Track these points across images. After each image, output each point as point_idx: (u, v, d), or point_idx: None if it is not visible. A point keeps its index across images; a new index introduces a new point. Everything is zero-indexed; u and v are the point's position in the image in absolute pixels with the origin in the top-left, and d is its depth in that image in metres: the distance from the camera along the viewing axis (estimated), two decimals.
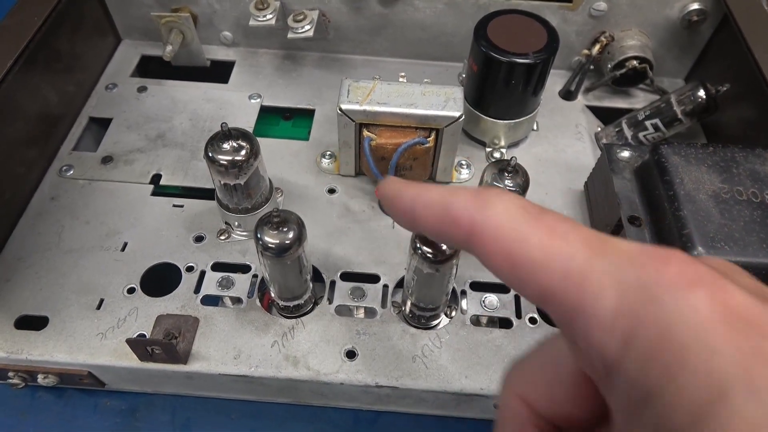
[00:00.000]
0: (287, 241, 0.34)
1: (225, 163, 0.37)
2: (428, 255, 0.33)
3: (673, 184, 0.35)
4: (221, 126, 0.36)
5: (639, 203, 0.39)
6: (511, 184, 0.37)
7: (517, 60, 0.42)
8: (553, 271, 0.14)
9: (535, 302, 0.15)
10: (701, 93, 0.45)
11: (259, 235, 0.34)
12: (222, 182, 0.39)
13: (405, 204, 0.19)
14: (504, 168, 0.37)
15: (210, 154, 0.37)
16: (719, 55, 0.51)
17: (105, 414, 0.41)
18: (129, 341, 0.34)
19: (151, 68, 0.57)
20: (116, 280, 0.40)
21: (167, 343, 0.34)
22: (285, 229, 0.34)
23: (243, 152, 0.37)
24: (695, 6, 0.48)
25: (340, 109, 0.41)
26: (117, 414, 0.41)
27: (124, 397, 0.41)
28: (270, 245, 0.34)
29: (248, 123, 0.50)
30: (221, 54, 0.56)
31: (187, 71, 0.55)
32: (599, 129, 0.51)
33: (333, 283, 0.41)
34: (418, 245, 0.33)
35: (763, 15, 0.46)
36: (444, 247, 0.33)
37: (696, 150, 0.37)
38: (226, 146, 0.37)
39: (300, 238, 0.34)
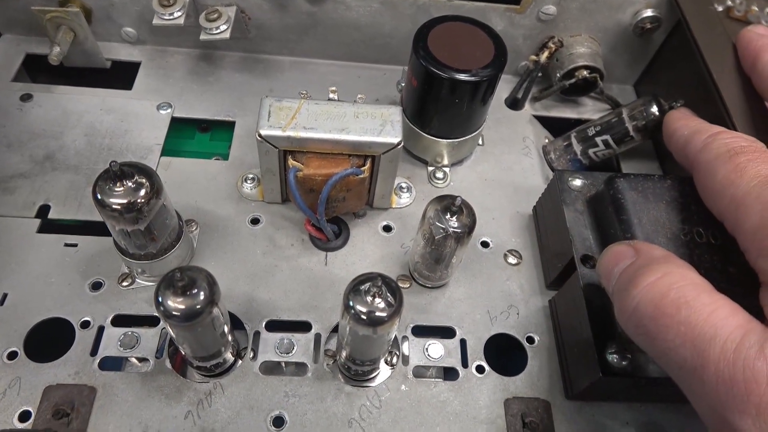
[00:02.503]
0: (197, 306, 0.28)
1: (118, 207, 0.31)
2: (362, 317, 0.29)
3: (631, 225, 0.32)
4: (110, 165, 0.30)
5: (592, 239, 0.35)
6: (456, 225, 0.33)
7: (461, 77, 0.37)
8: None
9: None
10: (654, 109, 0.42)
11: (160, 300, 0.28)
12: (117, 229, 0.33)
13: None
14: (448, 207, 0.33)
15: (99, 197, 0.31)
16: (670, 62, 0.48)
17: None
18: None
19: (39, 69, 0.48)
20: None
21: None
22: (193, 292, 0.28)
23: (141, 192, 0.31)
24: (649, 13, 0.45)
25: (260, 135, 0.35)
26: None
27: None
28: (174, 313, 0.28)
29: (156, 138, 0.43)
30: (124, 53, 0.49)
31: (83, 73, 0.48)
32: (547, 141, 0.48)
33: (257, 334, 0.36)
34: (351, 304, 0.29)
35: (717, 22, 0.44)
36: (382, 305, 0.29)
37: (654, 183, 0.34)
38: (118, 188, 0.31)
39: (212, 301, 0.29)
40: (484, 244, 0.41)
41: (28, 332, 0.34)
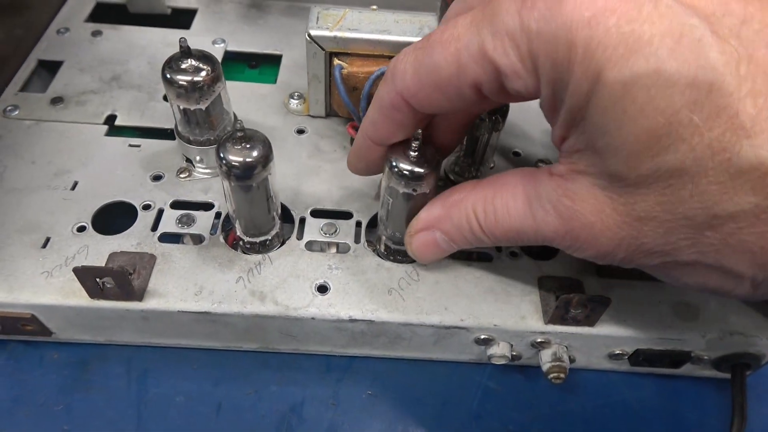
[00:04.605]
0: (251, 159, 0.31)
1: (185, 83, 0.34)
2: (405, 172, 0.31)
3: None
4: (179, 41, 0.34)
5: None
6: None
7: None
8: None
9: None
10: None
11: (221, 155, 0.31)
12: (182, 108, 0.36)
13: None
14: None
15: (168, 75, 0.35)
16: None
17: (52, 368, 0.37)
18: (76, 270, 0.31)
19: (107, 18, 0.53)
20: (65, 219, 0.37)
21: (120, 273, 0.31)
22: (249, 146, 0.31)
23: (204, 73, 0.35)
24: None
25: (309, 36, 0.38)
26: (66, 367, 0.37)
27: (73, 349, 0.38)
28: (234, 163, 0.31)
29: None
30: (182, 1, 0.53)
31: (145, 18, 0.52)
32: None
33: (303, 220, 0.38)
34: (394, 163, 0.31)
35: None
36: (421, 161, 0.31)
37: None
38: (185, 65, 0.34)
39: (267, 157, 0.32)
40: (516, 154, 0.43)
41: (96, 212, 0.37)
